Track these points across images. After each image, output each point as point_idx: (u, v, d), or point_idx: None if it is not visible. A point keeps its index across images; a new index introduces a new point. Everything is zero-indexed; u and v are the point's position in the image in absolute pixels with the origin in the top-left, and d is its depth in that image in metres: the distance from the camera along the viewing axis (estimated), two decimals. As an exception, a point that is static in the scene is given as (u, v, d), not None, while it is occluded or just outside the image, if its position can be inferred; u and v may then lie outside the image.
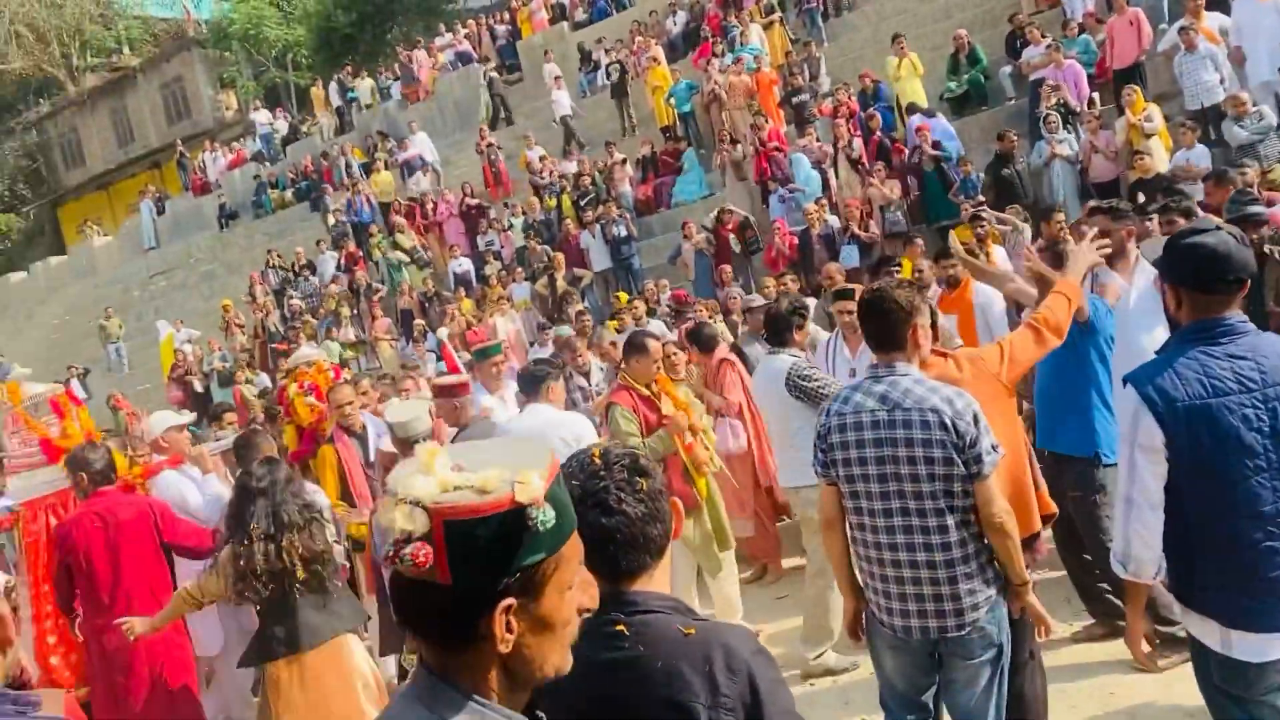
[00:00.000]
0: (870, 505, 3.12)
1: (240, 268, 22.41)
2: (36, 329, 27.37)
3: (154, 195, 28.28)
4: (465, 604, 1.33)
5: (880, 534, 3.11)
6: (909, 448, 3.03)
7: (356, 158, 22.41)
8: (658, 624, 1.81)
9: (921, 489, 3.03)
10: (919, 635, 3.11)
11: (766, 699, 1.75)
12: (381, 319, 16.87)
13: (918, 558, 3.06)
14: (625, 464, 1.87)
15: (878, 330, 3.20)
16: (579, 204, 16.23)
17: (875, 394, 3.13)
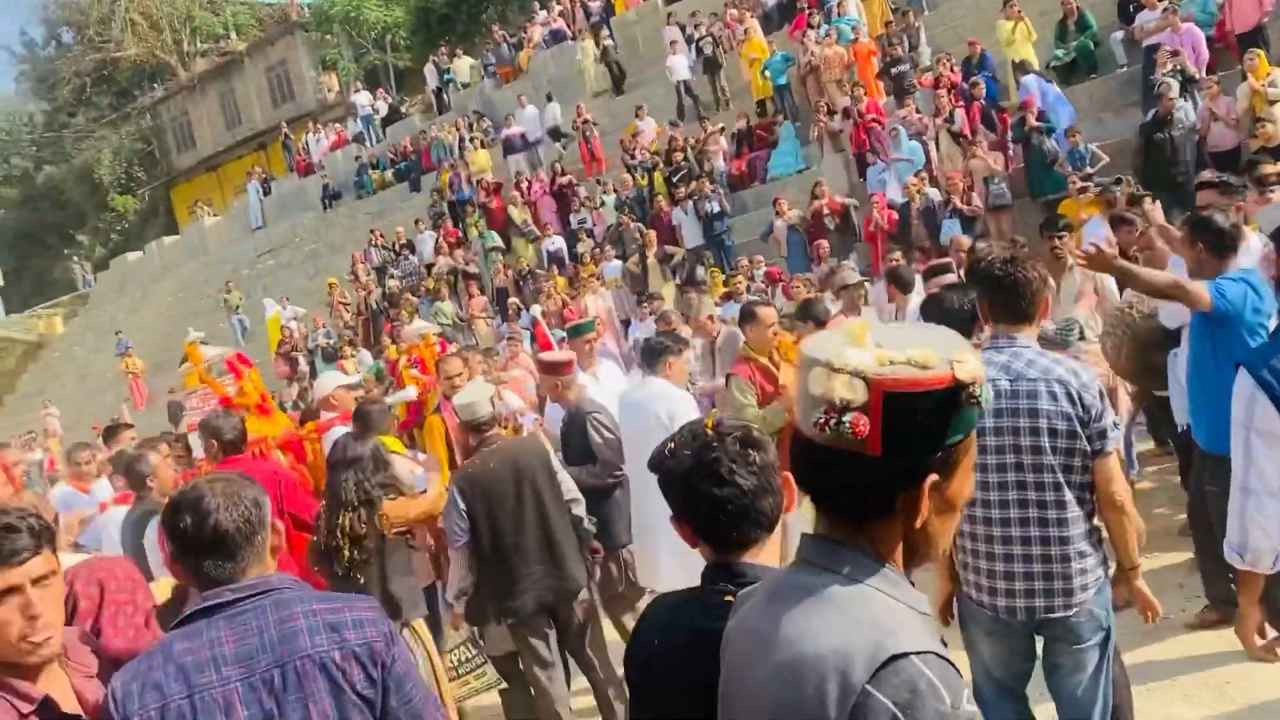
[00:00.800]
0: (984, 478, 2.97)
1: (343, 247, 22.99)
2: (152, 306, 28.55)
3: (260, 176, 29.17)
4: (890, 477, 1.36)
5: (993, 508, 2.99)
6: (1032, 418, 2.92)
7: (453, 138, 22.72)
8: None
9: (1042, 461, 2.91)
10: (1024, 616, 2.99)
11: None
12: (478, 297, 17.13)
13: (1031, 533, 2.94)
14: (738, 435, 1.86)
15: (1010, 301, 3.07)
16: (671, 180, 16.17)
17: (997, 363, 3.00)
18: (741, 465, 1.83)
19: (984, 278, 3.13)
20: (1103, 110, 13.32)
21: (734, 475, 1.81)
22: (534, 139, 20.60)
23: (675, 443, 1.91)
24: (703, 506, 1.82)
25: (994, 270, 3.09)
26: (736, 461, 1.83)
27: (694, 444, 1.86)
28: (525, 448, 4.64)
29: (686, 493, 1.85)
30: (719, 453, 1.83)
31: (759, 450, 1.86)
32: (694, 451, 1.85)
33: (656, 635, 1.93)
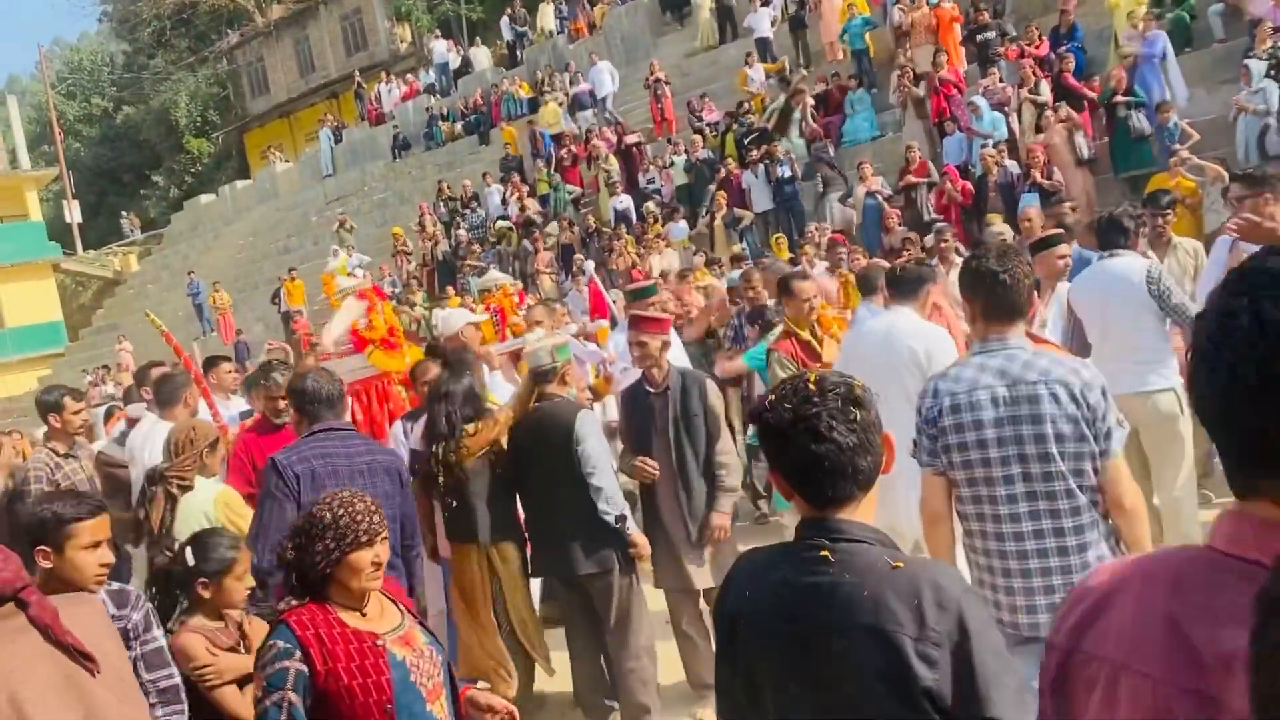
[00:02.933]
0: (991, 492, 2.85)
1: (411, 197, 23.12)
2: (224, 249, 29.04)
3: (332, 124, 29.41)
4: None
5: (1004, 523, 2.85)
6: (1036, 424, 2.79)
7: (524, 92, 22.66)
8: (864, 553, 1.80)
9: (1052, 469, 2.78)
10: (1047, 631, 2.82)
11: (976, 637, 1.70)
12: (543, 253, 17.12)
13: (1047, 544, 2.81)
14: (840, 392, 1.84)
15: (1003, 301, 2.92)
16: (742, 142, 15.94)
17: (992, 369, 2.87)
18: (841, 422, 1.81)
19: (976, 276, 2.97)
20: (1196, 86, 12.83)
21: (833, 432, 1.79)
22: (604, 95, 20.45)
23: (776, 395, 1.88)
24: (800, 462, 1.82)
25: (987, 267, 2.94)
26: (836, 418, 1.80)
27: (795, 398, 1.84)
28: (557, 413, 4.56)
29: (784, 447, 1.84)
30: (819, 408, 1.81)
31: (861, 408, 1.83)
32: (794, 406, 1.83)
33: (747, 587, 1.91)
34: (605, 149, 18.20)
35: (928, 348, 4.29)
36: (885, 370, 4.22)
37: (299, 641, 2.45)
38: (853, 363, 4.39)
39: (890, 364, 4.28)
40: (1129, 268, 4.90)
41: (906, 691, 1.67)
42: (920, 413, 2.99)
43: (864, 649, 1.70)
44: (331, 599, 2.57)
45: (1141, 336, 4.80)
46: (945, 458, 2.92)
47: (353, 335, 6.23)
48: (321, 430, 4.08)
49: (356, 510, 2.56)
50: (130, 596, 2.95)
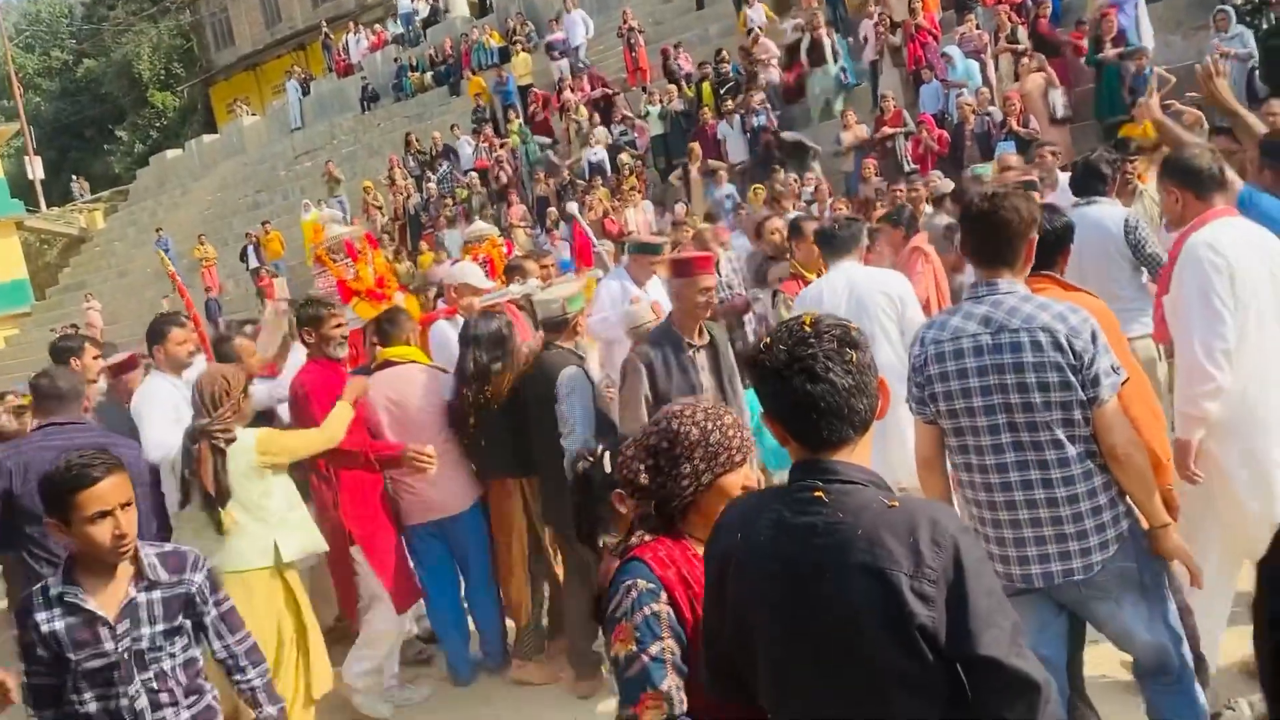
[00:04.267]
0: (978, 441, 2.80)
1: (380, 150, 22.78)
2: (192, 204, 28.58)
3: (299, 76, 28.86)
4: None
5: (991, 473, 2.79)
6: (1019, 373, 2.71)
7: (495, 41, 22.28)
8: (859, 494, 1.79)
9: (1036, 419, 2.71)
10: (1041, 583, 2.78)
11: (971, 576, 1.70)
12: (517, 205, 16.93)
13: (1035, 495, 2.74)
14: (836, 334, 1.83)
15: (988, 243, 2.84)
16: (719, 92, 15.75)
17: (976, 316, 2.80)
18: (837, 363, 1.80)
19: (964, 218, 2.92)
20: (1170, 32, 12.76)
21: (829, 373, 1.79)
22: (577, 44, 20.14)
23: (771, 337, 1.87)
24: (795, 403, 1.81)
25: (973, 208, 2.87)
26: (832, 359, 1.80)
27: (790, 339, 1.83)
28: (551, 365, 4.55)
29: (780, 389, 1.83)
30: (815, 349, 1.81)
31: (856, 349, 1.83)
32: (789, 347, 1.82)
33: (739, 529, 1.88)
34: (577, 99, 17.96)
35: (899, 292, 4.44)
36: (863, 320, 4.23)
37: (660, 583, 2.03)
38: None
39: (868, 313, 4.33)
40: (1107, 215, 4.87)
41: (901, 629, 1.67)
42: (910, 361, 2.96)
43: (859, 588, 1.70)
44: (691, 532, 2.13)
45: (1118, 285, 4.78)
46: (932, 406, 2.88)
47: (339, 286, 6.10)
48: (49, 425, 4.25)
49: (726, 424, 2.12)
50: (188, 558, 2.81)
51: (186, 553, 2.83)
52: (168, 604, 2.75)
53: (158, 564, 2.74)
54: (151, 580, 2.73)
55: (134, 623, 2.69)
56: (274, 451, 4.14)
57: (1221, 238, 3.37)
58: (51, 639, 2.63)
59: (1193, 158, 3.65)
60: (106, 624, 2.66)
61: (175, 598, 2.77)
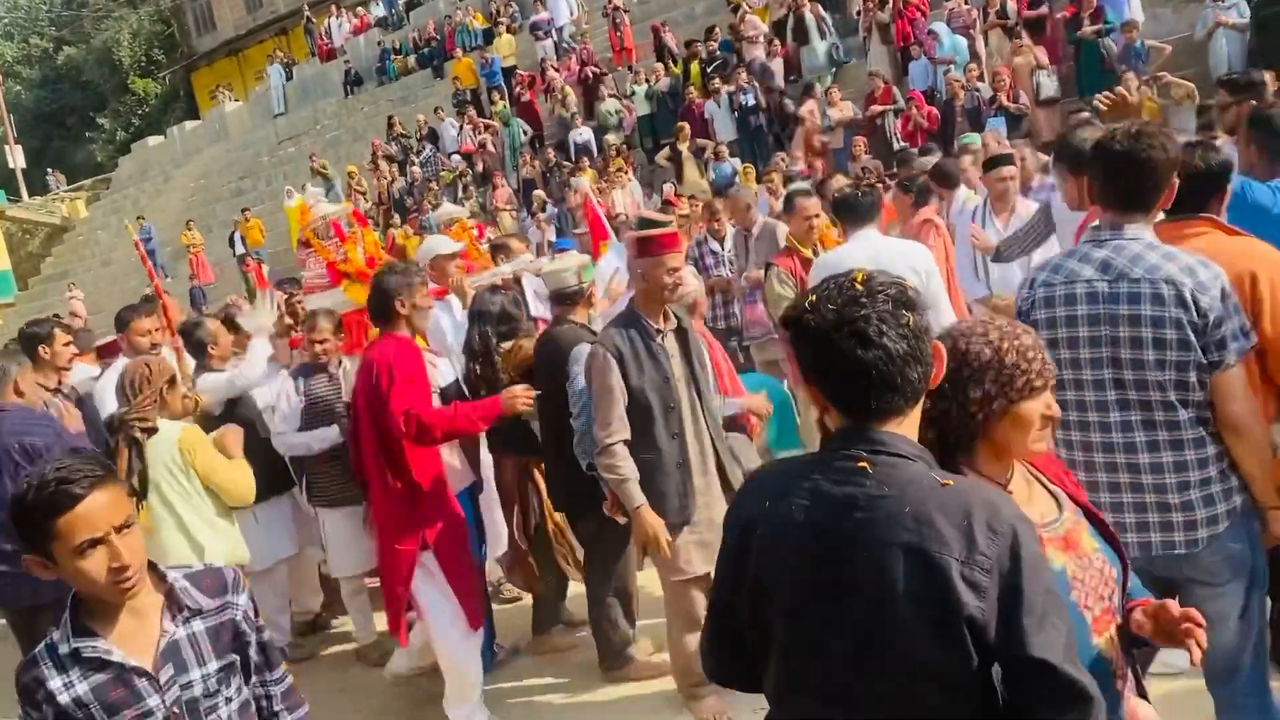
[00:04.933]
0: (1080, 396, 2.58)
1: (364, 134, 22.55)
2: (175, 191, 28.29)
3: (282, 61, 28.55)
4: None
5: (1093, 431, 2.59)
6: (1134, 326, 2.49)
7: (479, 23, 22.03)
8: (908, 469, 1.62)
9: (1147, 377, 2.49)
10: (1138, 553, 2.54)
11: (1028, 569, 1.53)
12: (502, 188, 16.76)
13: (1139, 459, 2.54)
14: (891, 294, 1.63)
15: (1127, 184, 2.58)
16: (706, 71, 15.57)
17: (1095, 261, 2.57)
18: (893, 326, 1.61)
19: (1100, 155, 2.64)
20: (1162, 4, 12.65)
21: (882, 337, 1.60)
22: (562, 24, 19.92)
23: (817, 295, 1.66)
24: (844, 369, 1.62)
25: (1114, 146, 2.60)
26: (887, 322, 1.60)
27: (840, 298, 1.63)
28: (562, 340, 4.34)
29: (826, 351, 1.63)
30: (868, 310, 1.61)
31: (913, 311, 1.64)
32: (839, 307, 1.62)
33: (769, 495, 1.72)
34: (562, 79, 17.76)
35: (925, 265, 4.30)
36: None
37: None
38: None
39: None
40: None
41: (943, 619, 1.51)
42: (1016, 306, 2.74)
43: (900, 568, 1.53)
44: (978, 467, 1.88)
45: None
46: None
47: (328, 269, 5.87)
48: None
49: (1025, 345, 1.86)
50: (227, 576, 2.21)
51: (223, 570, 2.25)
52: (215, 636, 2.15)
53: (191, 588, 2.14)
54: (190, 609, 2.12)
55: (179, 667, 2.09)
56: (197, 454, 4.02)
57: None
58: (76, 709, 1.98)
59: (1085, 141, 3.54)
60: (145, 675, 2.04)
61: (222, 627, 2.17)
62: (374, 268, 5.25)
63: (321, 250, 5.71)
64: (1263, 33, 10.81)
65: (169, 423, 4.04)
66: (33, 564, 2.00)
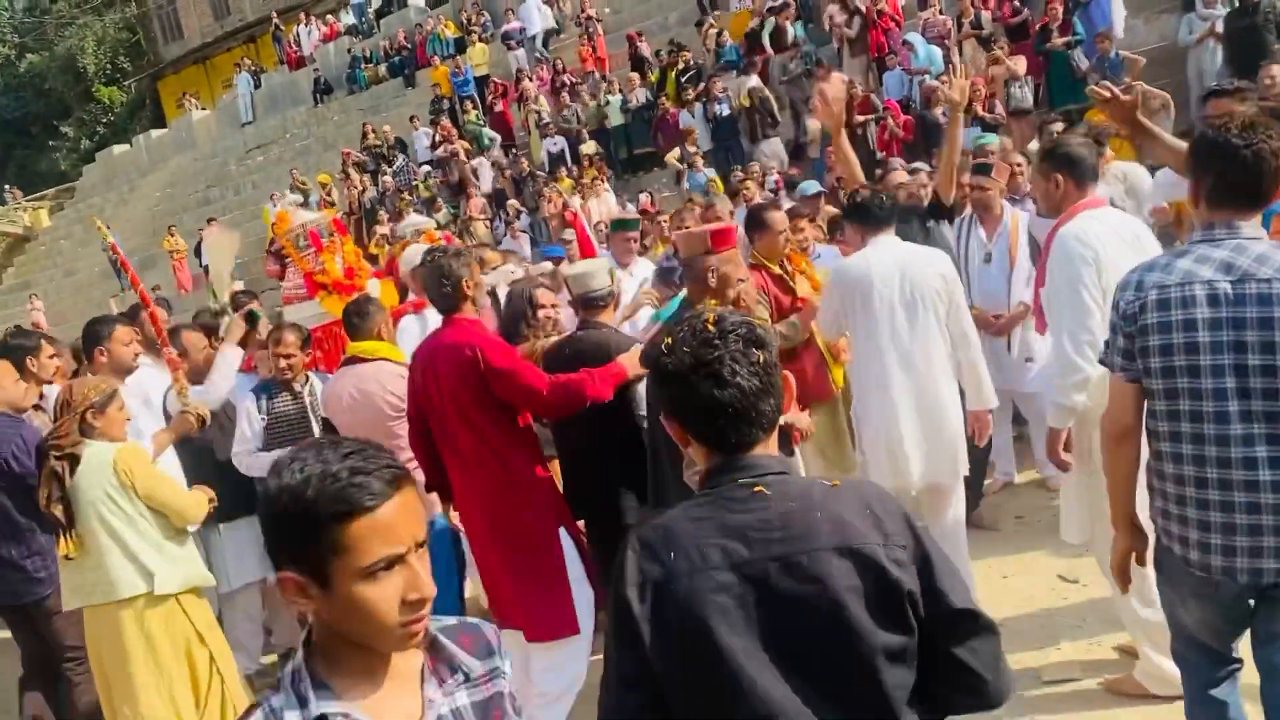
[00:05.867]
0: (1197, 407, 2.41)
1: (335, 143, 22.29)
2: (141, 200, 27.85)
3: (250, 69, 28.22)
4: None
5: (1208, 444, 2.40)
6: (1264, 330, 2.31)
7: (451, 31, 21.87)
8: (795, 481, 1.75)
9: (1278, 385, 2.31)
10: (1248, 579, 2.40)
11: (924, 535, 1.72)
12: (476, 198, 16.59)
13: (1260, 476, 2.35)
14: (741, 333, 1.75)
15: (1243, 180, 2.43)
16: (681, 80, 15.50)
17: (1214, 261, 2.40)
18: (744, 365, 1.72)
19: (1212, 148, 2.47)
20: (1134, 16, 12.73)
21: (735, 376, 1.71)
22: (534, 33, 19.80)
23: (674, 338, 1.77)
24: (702, 407, 1.73)
25: (1228, 140, 2.43)
26: (739, 361, 1.72)
27: (694, 341, 1.74)
28: (605, 343, 4.04)
29: (685, 392, 1.74)
30: (721, 351, 1.72)
31: (762, 349, 1.75)
32: (693, 350, 1.73)
33: (662, 552, 1.70)
34: (536, 89, 17.64)
35: (952, 273, 4.14)
36: (918, 300, 4.04)
37: None
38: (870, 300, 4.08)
39: (923, 296, 4.04)
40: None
41: (890, 602, 1.63)
42: (1117, 308, 2.55)
43: (838, 571, 1.63)
44: None
45: None
46: (1143, 362, 2.49)
47: (305, 280, 5.70)
48: None
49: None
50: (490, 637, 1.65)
51: (480, 625, 1.67)
52: (484, 713, 1.59)
53: (451, 646, 1.58)
54: (464, 672, 1.58)
55: None
56: (136, 474, 3.81)
57: (1089, 230, 3.35)
58: None
59: (1076, 146, 3.61)
60: None
61: (491, 702, 1.60)
62: (353, 279, 5.08)
63: (299, 261, 5.53)
64: (1233, 45, 10.87)
65: (103, 444, 3.82)
66: (291, 587, 1.42)
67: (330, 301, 5.33)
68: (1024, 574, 4.78)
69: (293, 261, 5.64)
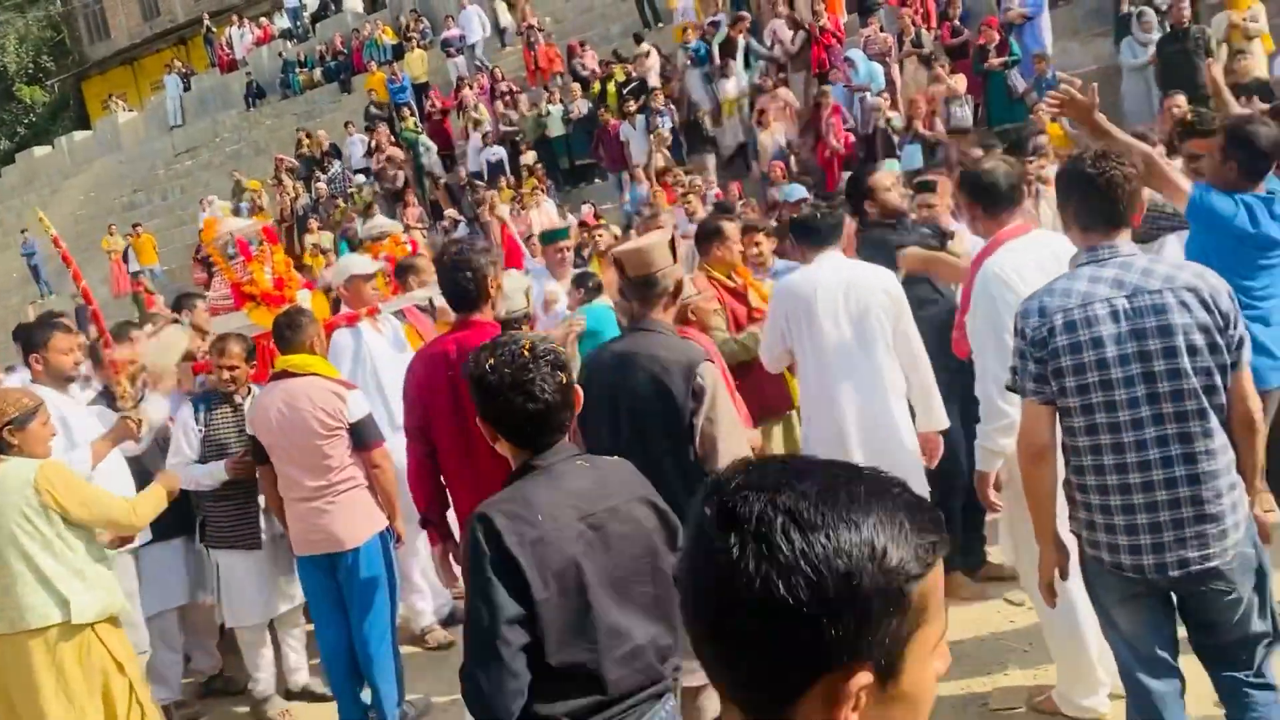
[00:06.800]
0: (1113, 418, 2.55)
1: (267, 149, 21.78)
2: (63, 203, 26.90)
3: (180, 71, 27.51)
4: None
5: (1128, 452, 2.54)
6: (1165, 337, 2.50)
7: (389, 38, 21.53)
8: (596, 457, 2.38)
9: (1182, 386, 2.50)
10: (1176, 571, 2.55)
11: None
12: (413, 207, 16.28)
13: (1176, 473, 2.52)
14: (550, 359, 2.22)
15: (1103, 205, 2.65)
16: (623, 93, 15.37)
17: (1105, 280, 2.58)
18: (551, 384, 2.19)
19: (1072, 179, 2.72)
20: (1070, 39, 12.93)
21: (544, 394, 2.18)
22: (474, 41, 19.55)
23: (494, 359, 2.21)
24: (518, 417, 2.21)
25: (1084, 170, 2.67)
26: (548, 381, 2.19)
27: (513, 364, 2.20)
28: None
29: (503, 405, 2.21)
30: (534, 374, 2.19)
31: (565, 371, 2.24)
32: (512, 371, 2.19)
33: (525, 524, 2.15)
34: (475, 97, 17.41)
35: (898, 292, 4.02)
36: (864, 318, 3.93)
37: None
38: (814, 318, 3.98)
39: (869, 314, 3.94)
40: None
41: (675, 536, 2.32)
42: (1024, 335, 2.66)
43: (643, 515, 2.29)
44: None
45: None
46: (1056, 383, 2.62)
47: (233, 290, 5.43)
48: None
49: None
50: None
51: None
52: None
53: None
54: None
55: None
56: (59, 493, 3.53)
57: (1008, 266, 3.34)
58: None
59: (986, 173, 3.61)
60: None
61: None
62: (282, 290, 4.83)
63: (226, 270, 5.25)
64: (1166, 69, 11.06)
65: (22, 461, 3.54)
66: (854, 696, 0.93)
67: (258, 313, 5.07)
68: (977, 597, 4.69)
69: (219, 271, 5.34)
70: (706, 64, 14.66)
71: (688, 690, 3.32)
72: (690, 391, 2.96)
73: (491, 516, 2.14)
